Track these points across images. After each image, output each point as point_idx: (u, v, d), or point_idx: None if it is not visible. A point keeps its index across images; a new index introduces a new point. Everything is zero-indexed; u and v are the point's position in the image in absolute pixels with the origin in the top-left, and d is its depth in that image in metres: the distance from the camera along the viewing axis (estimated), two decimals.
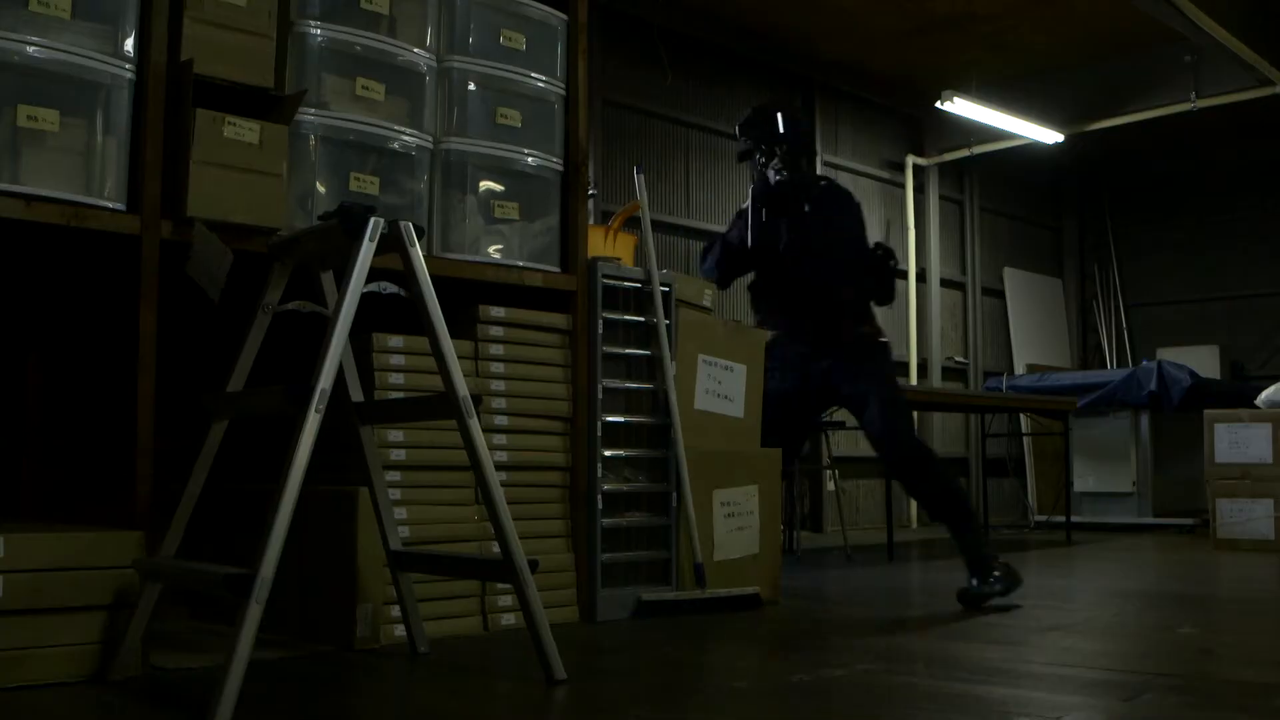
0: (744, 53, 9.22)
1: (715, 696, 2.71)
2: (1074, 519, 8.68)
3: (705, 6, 8.55)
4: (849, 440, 9.42)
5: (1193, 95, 9.05)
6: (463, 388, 2.78)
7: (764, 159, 4.66)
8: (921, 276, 10.68)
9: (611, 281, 3.99)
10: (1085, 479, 9.40)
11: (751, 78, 9.40)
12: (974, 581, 4.23)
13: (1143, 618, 4.08)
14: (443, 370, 2.80)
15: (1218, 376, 11.05)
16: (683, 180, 8.75)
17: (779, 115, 4.72)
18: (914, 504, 10.28)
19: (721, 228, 8.94)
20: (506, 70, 3.82)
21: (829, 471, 8.82)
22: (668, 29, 8.60)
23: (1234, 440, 7.15)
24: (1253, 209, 11.51)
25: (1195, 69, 8.88)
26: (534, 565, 2.81)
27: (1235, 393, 8.47)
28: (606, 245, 4.15)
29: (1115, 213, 12.43)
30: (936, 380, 10.60)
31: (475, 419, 2.79)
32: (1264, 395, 7.35)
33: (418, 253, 2.78)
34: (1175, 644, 3.45)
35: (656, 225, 8.44)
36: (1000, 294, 11.65)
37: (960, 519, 4.29)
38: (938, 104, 8.83)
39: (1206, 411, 7.30)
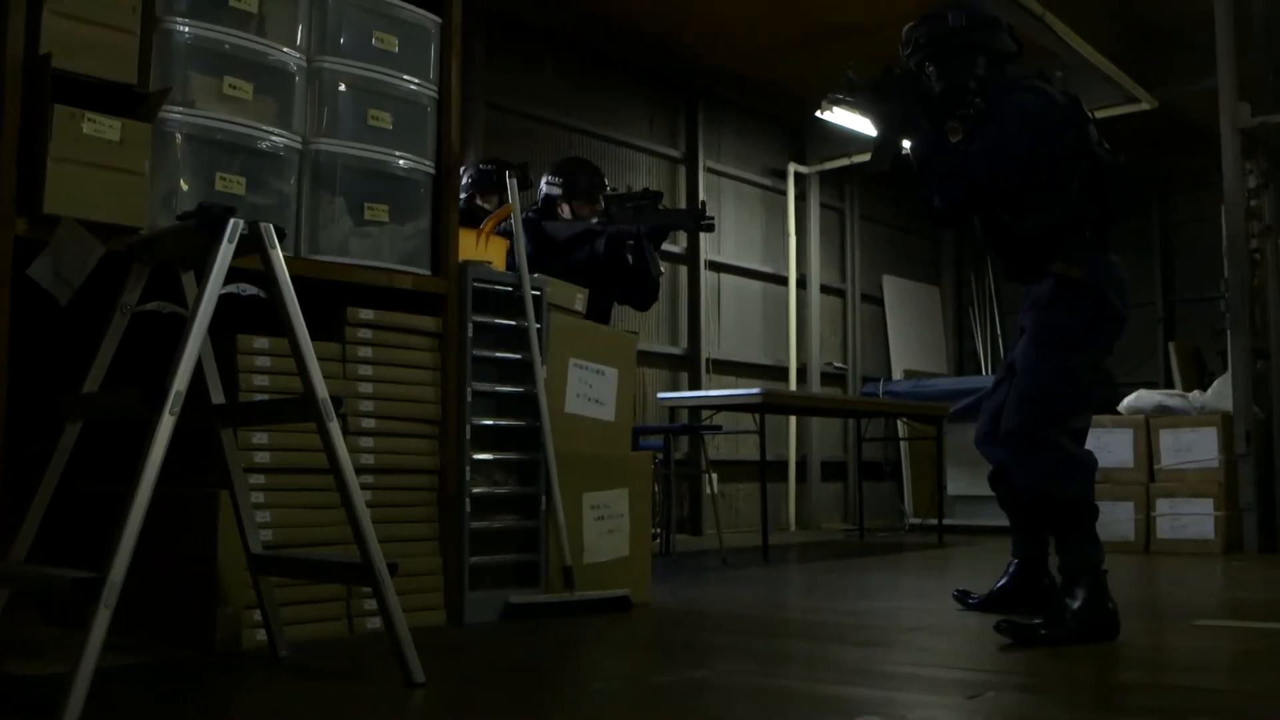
0: (630, 59, 9.28)
1: (575, 698, 2.74)
2: (947, 521, 8.89)
3: (592, 12, 8.59)
4: (729, 444, 9.53)
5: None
6: (322, 390, 2.77)
7: None
8: (802, 283, 10.84)
9: (482, 285, 3.99)
10: (958, 482, 9.60)
11: (637, 83, 9.47)
12: None
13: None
14: (302, 373, 2.78)
15: None
16: None
17: None
18: (792, 507, 10.43)
19: None
20: (378, 72, 3.81)
21: (708, 475, 8.91)
22: (553, 33, 8.62)
23: (1097, 445, 7.27)
24: (1122, 223, 11.84)
25: (1067, 84, 9.12)
26: (393, 569, 2.81)
27: (1103, 399, 8.72)
28: (478, 249, 4.15)
29: None
30: (816, 385, 10.76)
31: (335, 422, 2.78)
32: (1126, 402, 7.59)
33: (278, 254, 2.76)
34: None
35: None
36: (879, 301, 11.87)
37: None
38: (818, 113, 8.97)
39: None
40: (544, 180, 5.75)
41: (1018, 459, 3.55)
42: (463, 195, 6.04)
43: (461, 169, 6.19)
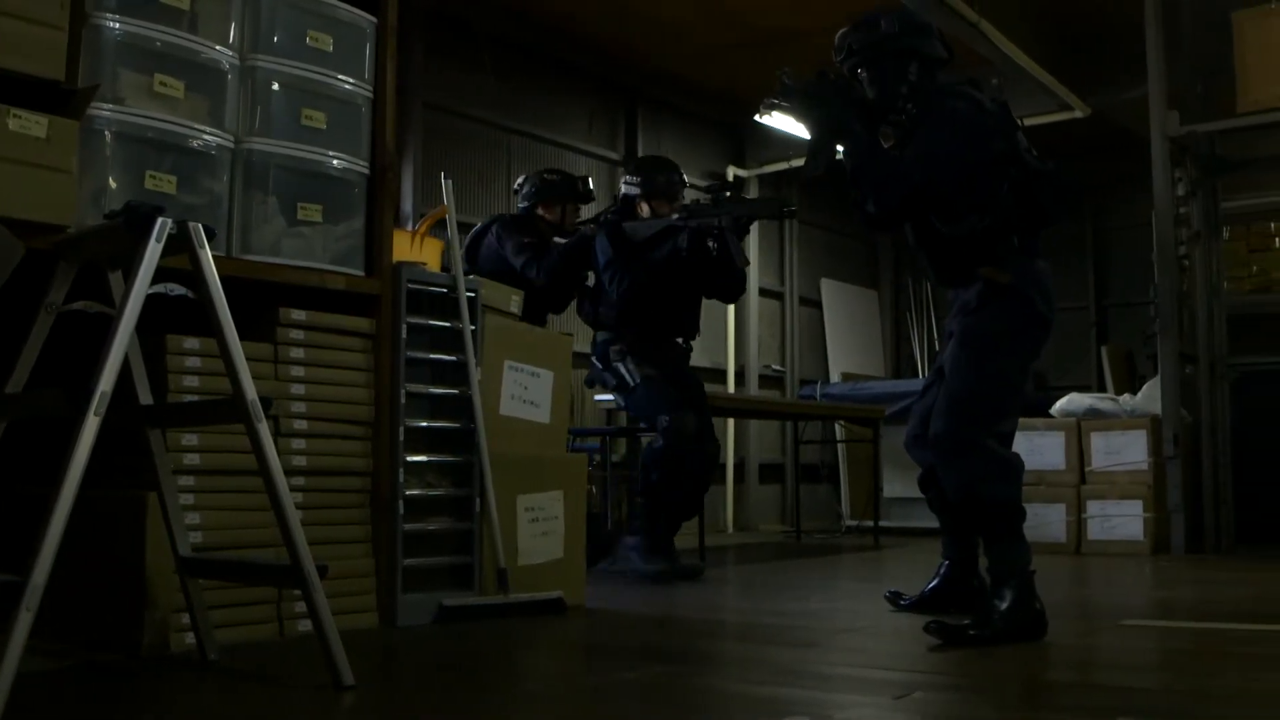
0: (570, 60, 9.28)
1: (506, 700, 2.74)
2: (883, 523, 8.96)
3: (532, 13, 8.58)
4: None
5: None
6: (251, 391, 2.75)
7: None
8: None
9: (417, 286, 3.98)
10: (894, 484, 9.67)
11: (577, 85, 9.48)
12: None
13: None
14: (231, 373, 2.76)
15: None
16: (504, 186, 8.75)
17: None
18: (730, 509, 10.47)
19: None
20: (312, 71, 3.79)
21: None
22: (494, 34, 8.60)
23: (1030, 448, 7.43)
24: (1056, 228, 11.99)
25: (1002, 91, 9.20)
26: (323, 571, 2.79)
27: (1036, 403, 8.82)
28: (413, 249, 4.13)
29: None
30: (754, 388, 10.80)
31: (264, 423, 2.76)
32: (1058, 405, 7.69)
33: (207, 254, 2.74)
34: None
35: None
36: (817, 304, 11.94)
37: None
38: (756, 117, 9.03)
39: None
40: (622, 181, 5.84)
41: (946, 462, 3.59)
42: (523, 204, 6.07)
43: (523, 177, 6.24)
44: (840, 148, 3.78)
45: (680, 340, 5.93)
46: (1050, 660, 3.27)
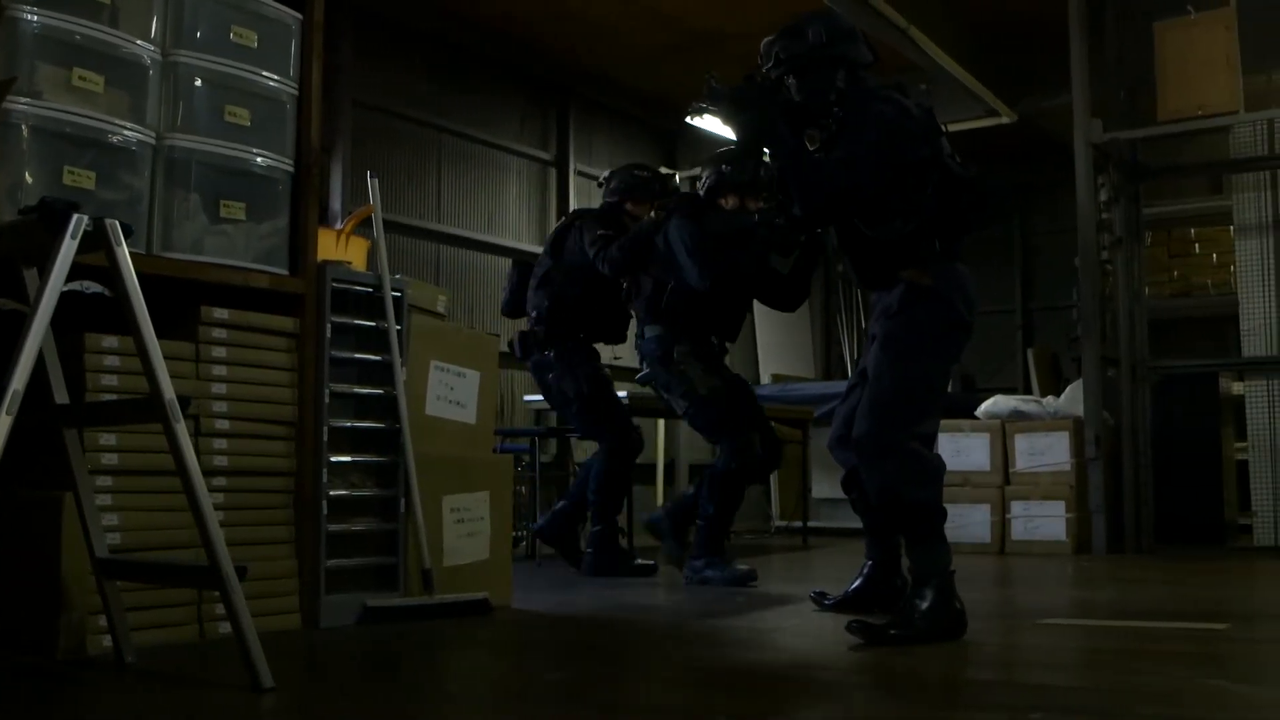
0: (502, 59, 9.24)
1: (426, 701, 2.73)
2: (812, 523, 9.01)
3: (463, 12, 8.54)
4: (596, 447, 9.54)
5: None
6: (169, 391, 2.72)
7: None
8: None
9: (342, 285, 3.95)
10: (823, 485, 9.72)
11: (509, 85, 9.44)
12: None
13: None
14: (148, 372, 2.73)
15: (950, 389, 11.61)
16: (434, 185, 8.71)
17: None
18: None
19: (475, 234, 8.97)
20: (236, 67, 3.75)
21: (575, 478, 8.92)
22: (424, 32, 8.56)
23: (956, 449, 7.55)
24: (983, 231, 12.14)
25: (931, 96, 9.30)
26: (242, 572, 2.76)
27: (964, 404, 8.92)
28: (338, 248, 4.11)
29: None
30: None
31: (182, 423, 2.73)
32: (983, 407, 7.78)
33: (124, 251, 2.70)
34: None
35: (408, 230, 8.39)
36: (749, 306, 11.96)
37: None
38: (687, 119, 9.05)
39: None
40: (713, 170, 5.58)
41: (868, 463, 3.62)
42: (610, 199, 5.98)
43: (608, 172, 6.17)
44: (767, 151, 3.81)
45: (716, 341, 5.81)
46: (969, 659, 3.31)
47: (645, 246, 5.59)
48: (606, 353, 6.64)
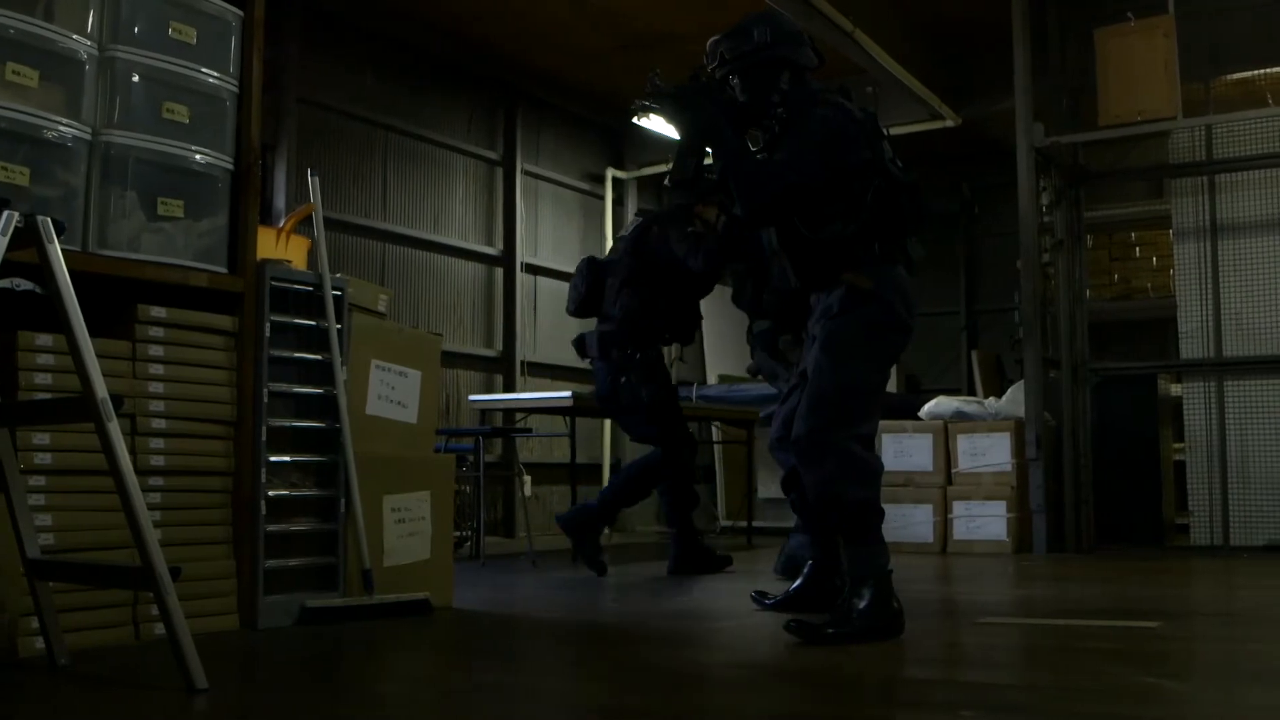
0: (449, 59, 9.22)
1: (360, 702, 2.71)
2: (757, 524, 9.06)
3: (411, 10, 8.51)
4: (543, 446, 9.55)
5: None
6: (102, 390, 2.69)
7: None
8: None
9: (281, 284, 3.92)
10: (768, 485, 9.76)
11: (455, 84, 9.42)
12: None
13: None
14: (80, 371, 2.70)
15: (894, 390, 11.69)
16: (381, 184, 8.67)
17: None
18: None
19: (422, 233, 8.94)
20: (175, 64, 3.71)
21: (519, 477, 8.91)
22: (371, 31, 8.52)
23: (899, 449, 7.61)
24: (927, 233, 12.23)
25: (877, 99, 9.39)
26: (175, 573, 2.74)
27: (909, 405, 9.00)
28: (279, 247, 4.08)
29: None
30: None
31: (115, 422, 2.70)
32: (926, 408, 7.84)
33: (56, 249, 2.68)
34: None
35: (354, 229, 8.35)
36: None
37: None
38: (634, 119, 9.06)
39: None
40: None
41: (807, 463, 3.64)
42: (680, 200, 5.96)
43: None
44: (710, 150, 3.81)
45: None
46: (906, 657, 3.33)
47: (737, 242, 5.64)
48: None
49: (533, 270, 10.05)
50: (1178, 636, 3.79)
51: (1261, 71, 7.80)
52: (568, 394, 6.91)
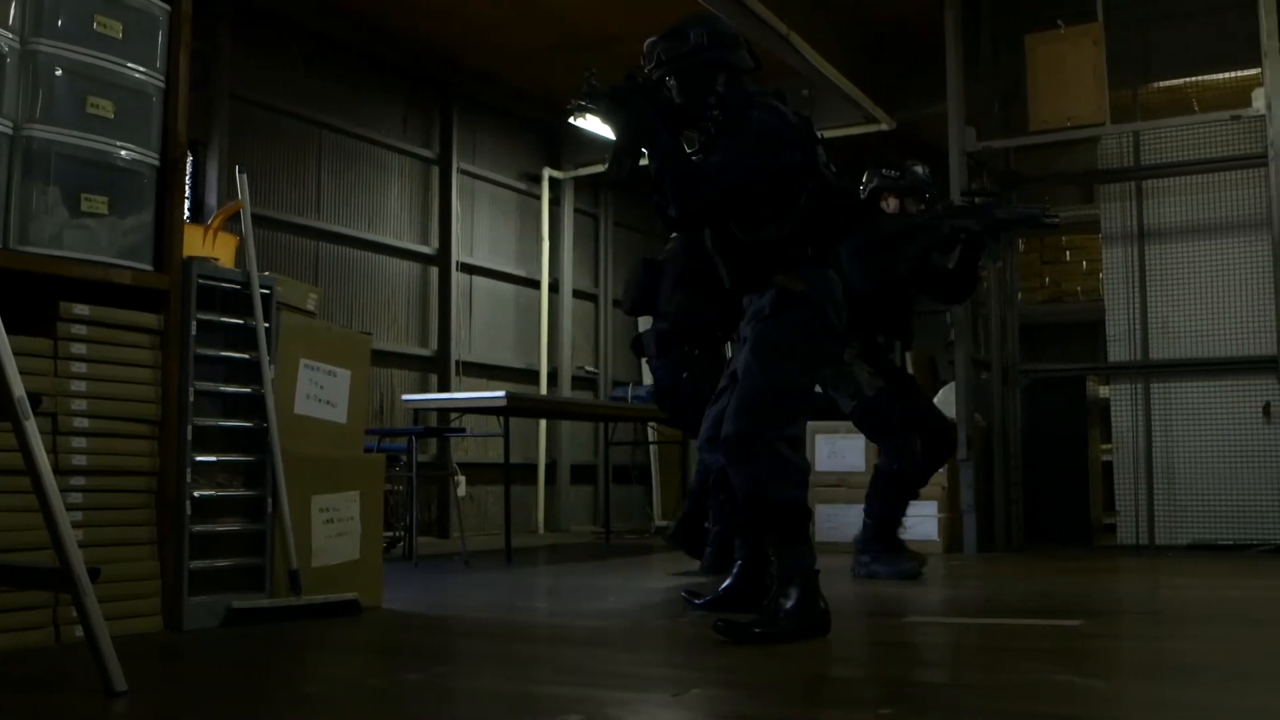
0: (385, 56, 9.18)
1: (283, 703, 2.69)
2: None
3: (346, 7, 8.45)
4: (478, 446, 9.52)
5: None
6: (18, 388, 2.65)
7: None
8: (555, 287, 10.91)
9: (208, 282, 3.88)
10: None
11: (391, 81, 9.38)
12: None
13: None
14: None
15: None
16: (315, 182, 8.61)
17: None
18: (541, 510, 10.48)
19: (356, 232, 8.89)
20: (99, 58, 3.66)
21: (453, 477, 8.89)
22: (305, 27, 8.46)
23: (832, 450, 7.66)
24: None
25: (813, 103, 9.45)
26: (95, 574, 2.70)
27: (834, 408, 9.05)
28: (206, 244, 4.04)
29: None
30: (567, 389, 10.84)
31: (32, 420, 2.66)
32: None
33: None
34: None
35: (287, 227, 8.29)
36: None
37: None
38: (570, 119, 9.05)
39: (808, 424, 7.77)
40: (879, 172, 5.85)
41: (735, 463, 3.65)
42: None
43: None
44: (645, 151, 3.82)
45: (884, 339, 5.91)
46: (832, 656, 3.36)
47: None
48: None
49: (468, 270, 10.02)
50: (1101, 635, 3.85)
51: (1188, 80, 7.95)
52: (501, 394, 6.89)
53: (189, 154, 7.52)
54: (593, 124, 9.13)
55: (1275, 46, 6.83)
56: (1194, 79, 7.91)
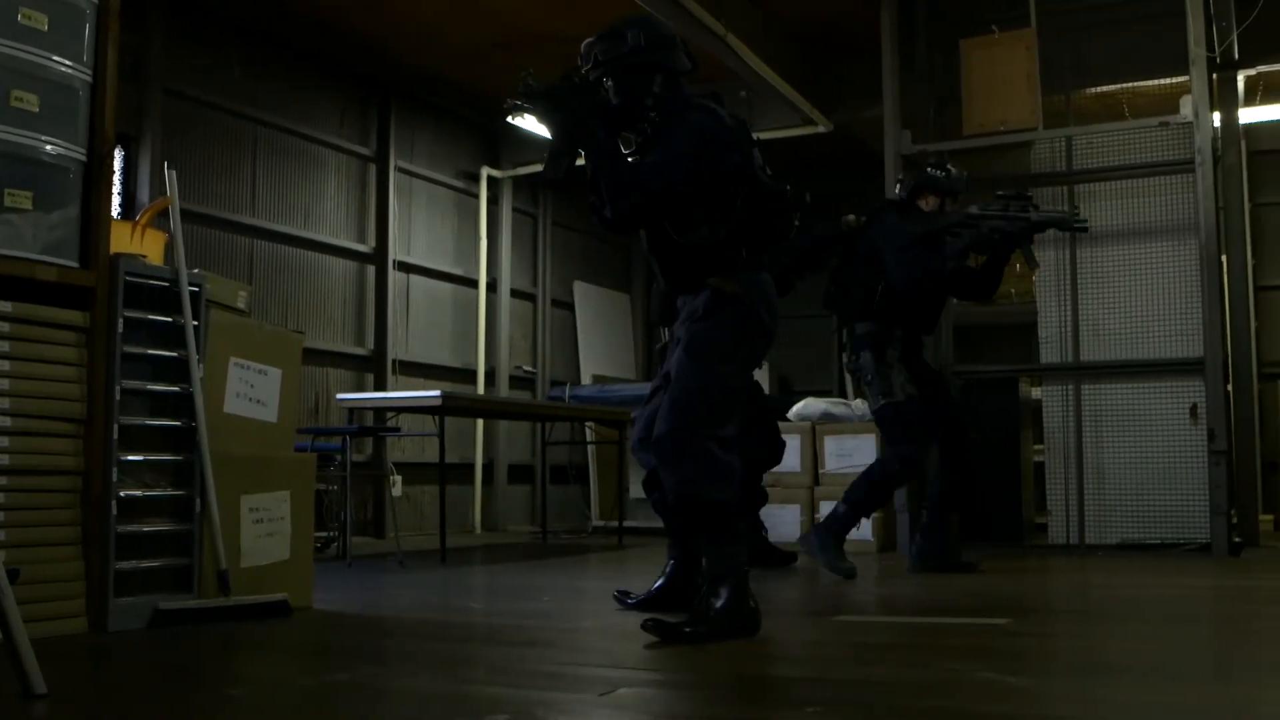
0: (321, 52, 9.11)
1: (210, 705, 2.67)
2: (629, 523, 9.10)
3: (282, 2, 8.38)
4: (415, 446, 9.48)
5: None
6: None
7: None
8: (493, 286, 10.88)
9: (136, 279, 3.84)
10: (639, 485, 9.80)
11: (328, 78, 9.31)
12: None
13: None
14: None
15: (768, 391, 11.82)
16: (250, 178, 8.53)
17: None
18: (478, 509, 10.45)
19: (292, 230, 8.81)
20: (24, 51, 3.60)
21: (392, 476, 8.85)
22: (240, 22, 8.37)
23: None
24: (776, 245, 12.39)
25: (750, 104, 9.49)
26: (13, 575, 2.67)
27: (781, 406, 9.09)
28: (134, 241, 3.99)
29: None
30: (504, 389, 10.81)
31: None
32: (795, 409, 7.95)
33: None
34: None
35: (221, 224, 8.20)
36: (570, 306, 12.02)
37: None
38: (508, 118, 9.03)
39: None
40: (924, 170, 6.08)
41: (667, 463, 3.67)
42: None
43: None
44: (581, 151, 3.82)
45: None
46: (761, 655, 3.37)
47: (817, 249, 6.10)
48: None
49: (406, 268, 9.97)
50: (1028, 633, 3.90)
51: (1121, 86, 8.05)
52: (437, 393, 6.86)
53: (120, 149, 7.43)
54: (531, 123, 9.09)
55: (1202, 55, 6.95)
56: (1126, 85, 8.01)
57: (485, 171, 10.78)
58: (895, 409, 5.78)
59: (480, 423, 10.40)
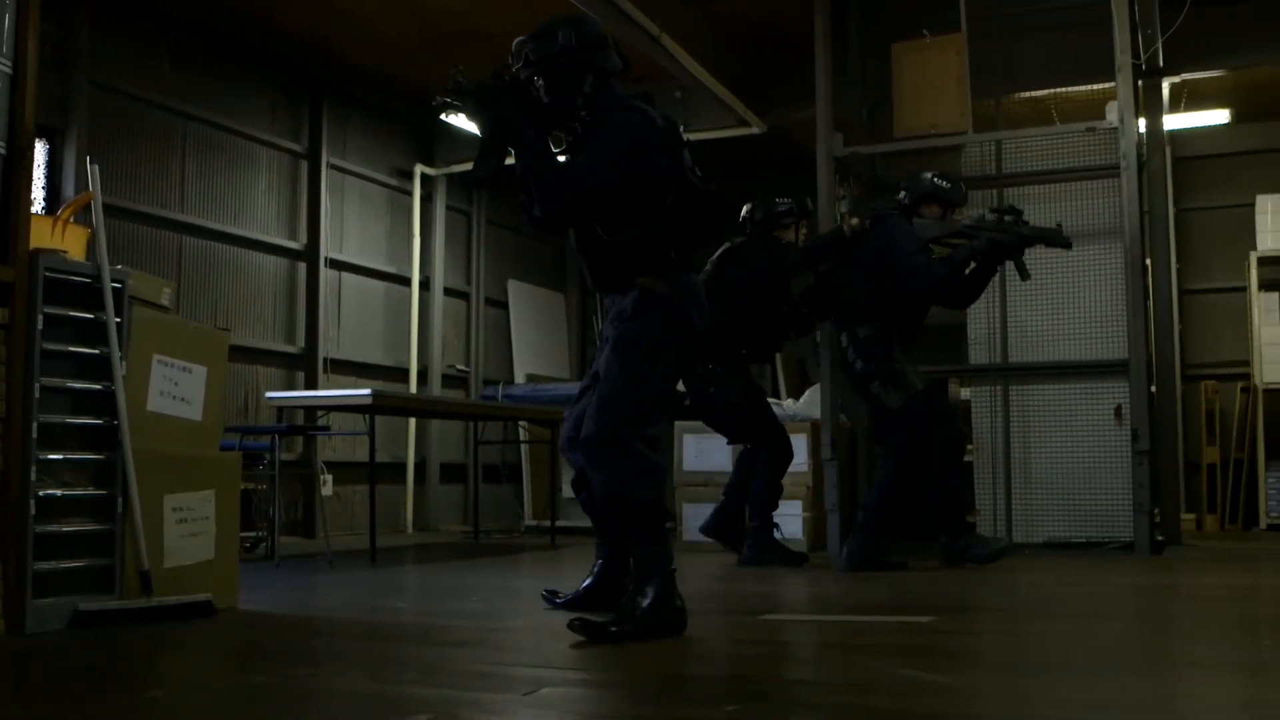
0: (251, 46, 9.00)
1: (130, 707, 2.63)
2: (561, 523, 9.09)
3: None
4: (346, 445, 9.41)
5: (683, 129, 9.70)
6: None
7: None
8: (425, 285, 10.82)
9: (57, 275, 3.78)
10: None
11: (259, 73, 9.21)
12: None
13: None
14: None
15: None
16: (179, 173, 8.42)
17: None
18: (410, 509, 10.39)
19: (221, 226, 8.71)
20: None
21: (323, 476, 8.78)
22: (169, 14, 8.26)
23: (699, 450, 7.74)
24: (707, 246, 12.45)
25: (685, 105, 9.50)
26: None
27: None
28: (54, 237, 3.93)
29: None
30: (437, 387, 10.76)
31: None
32: None
33: None
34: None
35: (148, 219, 8.09)
36: (504, 305, 11.98)
37: None
38: (441, 116, 8.97)
39: (677, 423, 7.83)
40: (931, 176, 6.26)
41: (594, 462, 3.67)
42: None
43: (749, 205, 6.77)
44: (511, 150, 3.81)
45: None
46: (686, 654, 3.38)
47: (825, 250, 6.38)
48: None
49: (337, 266, 9.88)
50: (953, 631, 3.94)
51: (1050, 91, 8.16)
52: (367, 392, 6.82)
53: (44, 142, 7.31)
54: (464, 121, 9.09)
55: (1128, 62, 7.06)
56: (1055, 91, 8.12)
57: (419, 169, 10.71)
58: (921, 400, 5.99)
59: (413, 422, 10.34)
